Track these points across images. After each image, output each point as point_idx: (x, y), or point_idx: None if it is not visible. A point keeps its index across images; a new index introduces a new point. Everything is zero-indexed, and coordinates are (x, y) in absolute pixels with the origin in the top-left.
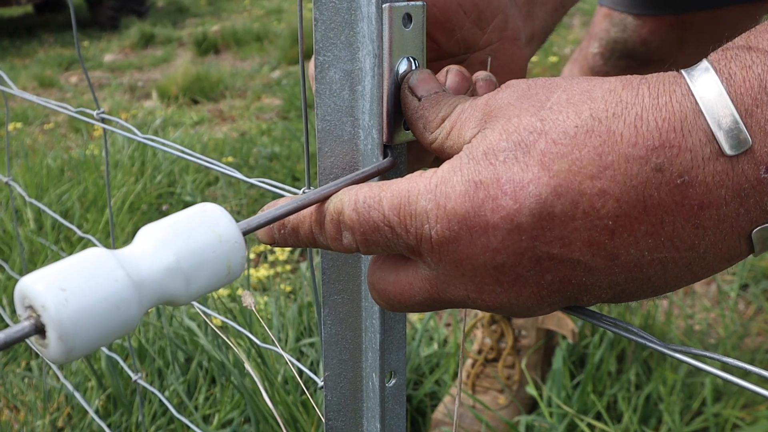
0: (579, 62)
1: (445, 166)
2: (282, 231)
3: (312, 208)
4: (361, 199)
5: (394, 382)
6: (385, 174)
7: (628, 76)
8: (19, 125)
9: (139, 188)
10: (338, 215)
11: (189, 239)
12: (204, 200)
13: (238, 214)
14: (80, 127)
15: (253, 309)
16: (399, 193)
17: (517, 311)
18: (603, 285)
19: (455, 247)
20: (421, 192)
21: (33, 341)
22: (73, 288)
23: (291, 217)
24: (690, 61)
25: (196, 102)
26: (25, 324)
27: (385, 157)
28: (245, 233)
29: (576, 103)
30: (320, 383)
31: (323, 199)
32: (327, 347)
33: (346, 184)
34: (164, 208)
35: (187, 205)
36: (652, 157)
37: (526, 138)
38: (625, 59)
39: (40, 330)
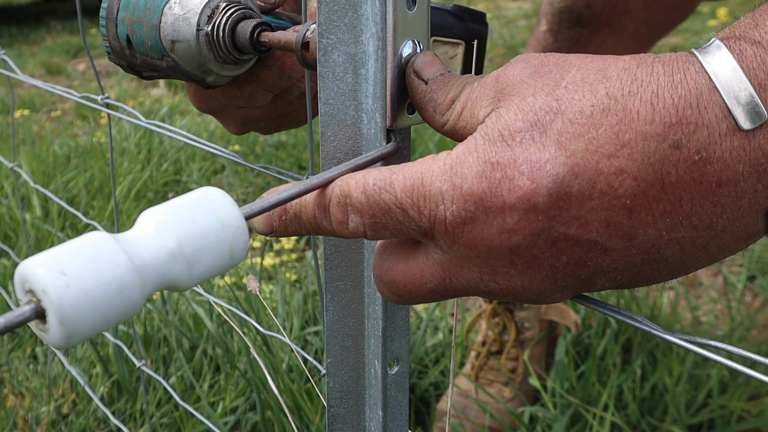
0: (533, 46)
1: (460, 147)
2: (283, 218)
3: (315, 193)
4: (370, 182)
5: (396, 369)
6: (388, 159)
7: (642, 55)
8: (26, 112)
9: (146, 176)
10: (345, 198)
11: (191, 223)
12: None
13: (244, 203)
14: (87, 115)
15: (258, 294)
16: (411, 174)
17: (530, 296)
18: (619, 267)
19: (470, 228)
20: (435, 173)
21: (33, 326)
22: (74, 272)
23: (293, 203)
24: (639, 28)
25: None
26: (25, 308)
27: (388, 141)
28: (248, 218)
29: (591, 82)
30: (323, 371)
31: (327, 184)
32: (329, 334)
33: (350, 169)
34: (170, 195)
35: None
36: (670, 134)
37: (542, 118)
38: (574, 29)
39: (40, 314)
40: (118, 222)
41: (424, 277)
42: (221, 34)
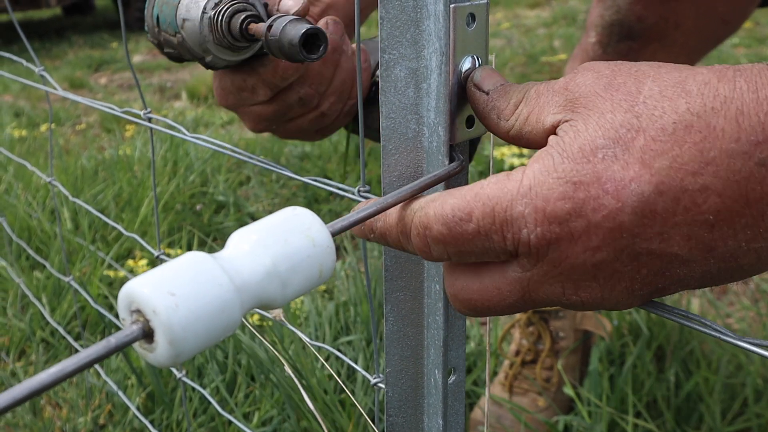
0: (579, 57)
1: (536, 166)
2: (371, 237)
3: (397, 217)
4: (449, 213)
5: (454, 378)
6: (454, 177)
7: (720, 67)
8: (51, 126)
9: (173, 188)
10: (425, 230)
11: (285, 244)
12: (236, 199)
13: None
14: (112, 128)
15: (283, 320)
16: (489, 200)
17: (606, 305)
18: (696, 275)
19: (555, 247)
20: (514, 197)
21: (137, 345)
22: (182, 292)
23: (378, 224)
24: (689, 41)
25: None
26: (133, 328)
27: (449, 155)
28: (333, 236)
29: (670, 96)
30: (373, 381)
31: (400, 202)
32: (389, 344)
33: (420, 187)
34: (198, 207)
35: (220, 204)
36: (756, 152)
37: (624, 135)
38: (624, 42)
39: (148, 334)
40: (159, 234)
41: (502, 294)
42: (219, 19)
